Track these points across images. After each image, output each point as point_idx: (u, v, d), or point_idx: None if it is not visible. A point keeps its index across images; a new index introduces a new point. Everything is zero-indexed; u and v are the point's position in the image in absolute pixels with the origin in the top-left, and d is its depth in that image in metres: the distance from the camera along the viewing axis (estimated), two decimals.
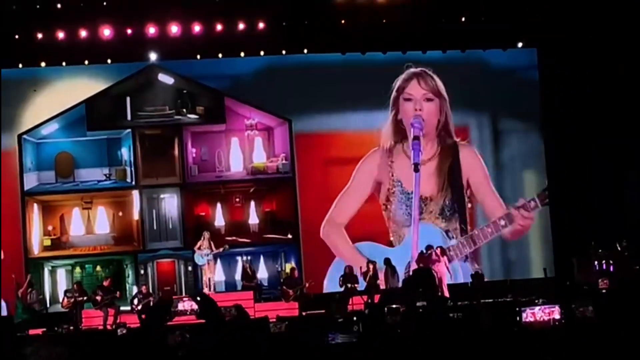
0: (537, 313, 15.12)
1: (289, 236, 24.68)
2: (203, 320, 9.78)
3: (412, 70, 25.01)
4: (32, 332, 20.64)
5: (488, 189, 25.34)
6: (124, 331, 18.76)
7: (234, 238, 24.49)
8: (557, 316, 14.99)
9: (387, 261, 23.02)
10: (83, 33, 22.81)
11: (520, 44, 25.26)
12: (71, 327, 21.47)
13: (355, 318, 18.68)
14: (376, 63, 24.71)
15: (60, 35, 22.73)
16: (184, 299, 21.48)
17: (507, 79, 25.64)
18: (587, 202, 24.28)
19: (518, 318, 15.25)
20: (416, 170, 24.47)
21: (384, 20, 23.80)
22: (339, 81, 24.64)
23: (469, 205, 25.29)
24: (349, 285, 22.50)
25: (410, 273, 22.55)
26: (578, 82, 24.18)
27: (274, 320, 18.89)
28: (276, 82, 24.63)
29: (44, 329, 21.07)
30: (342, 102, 24.70)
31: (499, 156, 25.81)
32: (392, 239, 24.93)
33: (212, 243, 23.36)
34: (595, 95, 23.91)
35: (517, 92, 25.58)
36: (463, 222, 25.08)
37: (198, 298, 9.35)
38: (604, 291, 20.76)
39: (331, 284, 23.69)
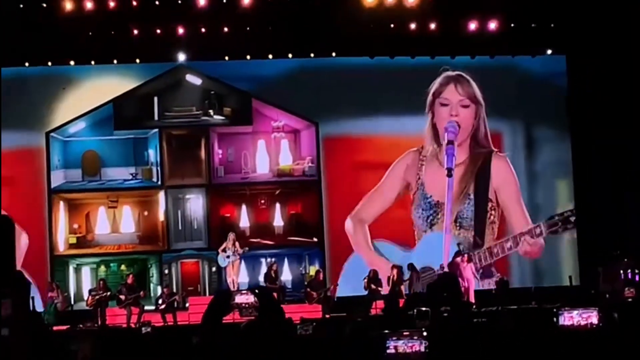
0: (575, 317, 15.12)
1: (314, 239, 24.83)
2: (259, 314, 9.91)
3: (449, 74, 25.01)
4: (55, 329, 20.89)
5: (517, 206, 25.11)
6: (149, 329, 18.92)
7: (258, 240, 24.68)
8: (595, 320, 14.98)
9: (411, 266, 23.15)
10: (112, 32, 23.07)
11: (549, 51, 25.27)
12: (95, 325, 21.75)
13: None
14: (406, 67, 24.71)
15: (89, 33, 22.98)
16: (242, 291, 21.52)
17: (541, 86, 25.55)
18: (613, 211, 24.27)
19: (555, 320, 15.28)
20: (449, 175, 24.44)
21: (412, 25, 23.96)
22: (367, 85, 24.75)
23: (491, 218, 25.17)
24: (373, 287, 22.68)
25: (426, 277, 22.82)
26: (607, 91, 24.12)
27: (298, 322, 19.04)
28: (304, 85, 24.79)
29: (68, 326, 21.33)
30: (371, 106, 24.79)
31: (532, 165, 25.71)
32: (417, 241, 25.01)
33: (237, 244, 23.53)
34: (624, 105, 23.90)
35: (550, 99, 25.47)
36: (478, 234, 24.90)
37: (257, 291, 9.47)
38: (630, 300, 20.77)
39: (345, 286, 23.85)
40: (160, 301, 22.71)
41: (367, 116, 24.92)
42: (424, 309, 17.13)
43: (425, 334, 13.07)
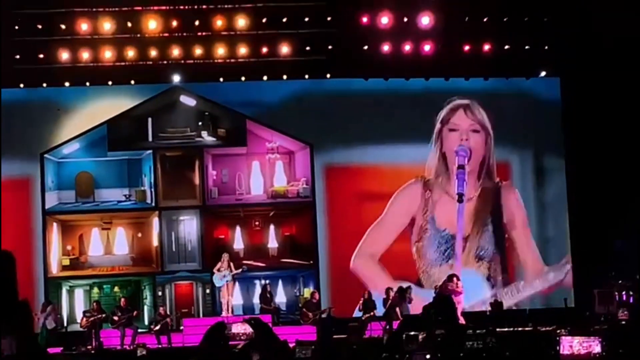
0: (575, 346, 15.23)
1: (310, 262, 25.06)
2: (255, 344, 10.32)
3: (458, 101, 25.32)
4: (50, 351, 21.22)
5: (525, 237, 25.50)
6: (144, 352, 19.33)
7: (250, 262, 24.89)
8: (598, 349, 15.04)
9: (400, 289, 23.48)
10: (107, 54, 23.56)
11: (543, 73, 25.73)
12: (88, 347, 22.09)
13: None
14: (406, 95, 25.20)
15: (85, 55, 23.47)
16: (237, 322, 21.91)
17: (550, 113, 25.83)
18: (607, 234, 24.69)
19: (558, 348, 15.43)
20: (460, 200, 24.77)
21: (407, 47, 24.54)
22: (364, 112, 25.17)
23: (508, 249, 25.45)
24: (368, 311, 23.13)
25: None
26: (601, 114, 24.45)
27: (293, 344, 19.43)
28: (302, 116, 25.22)
29: (62, 348, 21.70)
30: (367, 133, 25.12)
31: (542, 195, 26.01)
32: (421, 277, 25.16)
33: (231, 265, 23.83)
34: (618, 129, 24.35)
35: (559, 127, 25.80)
36: (504, 269, 25.28)
37: (252, 322, 9.89)
38: (622, 322, 21.20)
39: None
40: (154, 323, 23.12)
41: (363, 143, 25.20)
42: (412, 333, 17.57)
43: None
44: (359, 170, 25.42)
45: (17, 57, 23.21)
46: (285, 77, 24.89)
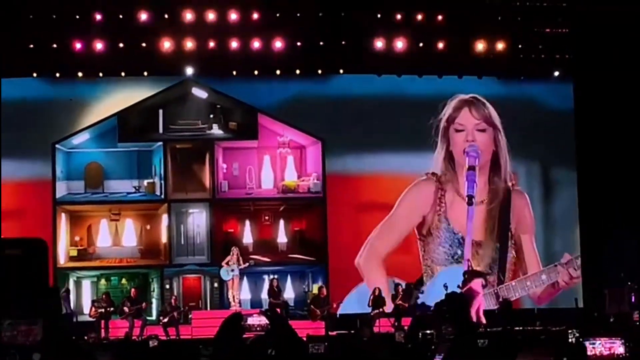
0: (597, 347, 15.65)
1: (318, 258, 25.53)
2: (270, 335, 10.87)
3: (463, 97, 25.42)
4: None
5: (530, 244, 25.72)
6: (156, 343, 19.90)
7: (257, 257, 25.38)
8: (621, 350, 15.46)
9: (407, 286, 24.09)
10: (120, 45, 24.18)
11: (556, 73, 26.15)
12: (92, 336, 22.64)
13: None
14: (415, 100, 25.60)
15: (99, 46, 24.10)
16: (254, 314, 22.52)
17: (562, 122, 26.11)
18: (617, 234, 25.21)
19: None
20: (470, 203, 24.79)
21: (420, 44, 25.16)
22: (374, 116, 25.58)
23: (512, 254, 25.67)
24: (377, 307, 23.74)
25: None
26: (617, 122, 24.78)
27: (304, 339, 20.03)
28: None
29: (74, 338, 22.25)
30: (376, 139, 25.53)
31: (550, 209, 26.30)
32: (423, 274, 25.49)
33: (240, 259, 24.30)
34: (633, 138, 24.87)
35: (570, 137, 26.05)
36: (502, 272, 25.40)
37: (269, 313, 10.44)
38: (638, 324, 21.67)
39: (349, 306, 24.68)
40: (163, 314, 23.73)
41: (371, 149, 25.59)
42: (428, 332, 18.15)
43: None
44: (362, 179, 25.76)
45: (31, 46, 23.76)
46: (298, 72, 25.33)
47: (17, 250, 13.38)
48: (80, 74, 24.66)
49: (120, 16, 23.71)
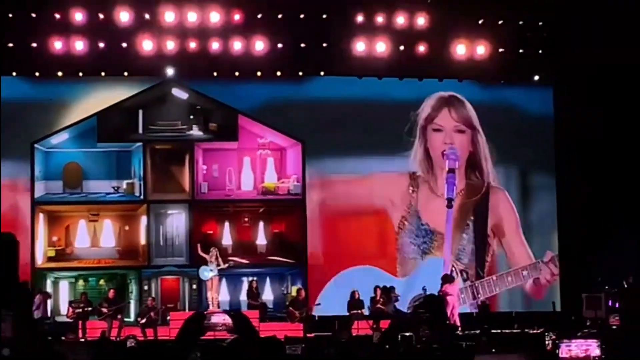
0: (573, 349, 15.80)
1: (298, 261, 25.64)
2: (235, 336, 10.98)
3: (442, 95, 25.78)
4: None
5: (518, 240, 26.00)
6: (133, 343, 20.00)
7: (235, 258, 25.45)
8: (597, 352, 15.60)
9: (385, 289, 24.25)
10: (101, 44, 24.21)
11: (536, 77, 26.36)
12: (70, 336, 22.68)
13: None
14: (395, 103, 25.75)
15: (79, 45, 24.09)
16: (217, 313, 22.65)
17: (539, 128, 26.33)
18: (595, 237, 25.39)
19: (557, 351, 16.01)
20: (449, 206, 25.25)
21: (401, 46, 25.26)
22: (357, 120, 25.78)
23: (491, 251, 25.97)
24: (356, 309, 23.86)
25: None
26: (596, 128, 24.89)
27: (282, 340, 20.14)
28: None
29: (49, 338, 22.28)
30: (358, 143, 25.71)
31: (528, 215, 26.47)
32: (398, 268, 25.86)
33: (220, 259, 24.30)
34: (608, 139, 24.98)
35: (548, 142, 26.23)
36: (480, 266, 25.74)
37: (232, 313, 10.59)
38: (614, 327, 21.80)
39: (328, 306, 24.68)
40: (141, 315, 23.76)
41: (352, 152, 25.77)
42: (407, 334, 18.31)
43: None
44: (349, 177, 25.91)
45: (10, 45, 23.76)
46: (279, 73, 25.39)
47: None
48: (60, 74, 24.63)
49: (101, 16, 23.71)
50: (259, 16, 24.47)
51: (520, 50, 25.67)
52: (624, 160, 24.70)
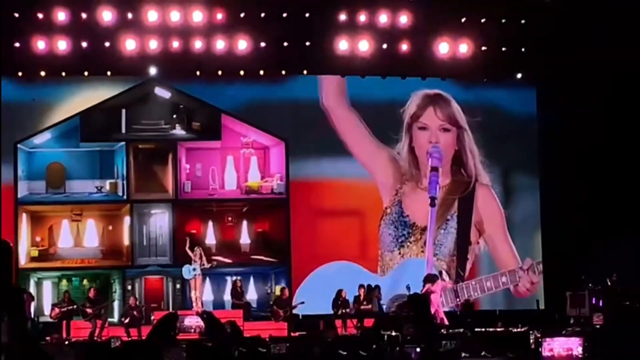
0: (555, 348, 15.94)
1: (281, 260, 25.78)
2: (206, 338, 11.13)
3: (428, 93, 25.90)
4: None
5: (503, 237, 26.09)
6: (118, 343, 20.06)
7: (219, 258, 25.57)
8: (580, 351, 15.75)
9: (369, 287, 24.39)
10: (84, 44, 24.24)
11: (519, 75, 26.54)
12: (55, 337, 22.69)
13: None
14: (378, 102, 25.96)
15: (62, 45, 24.15)
16: (190, 315, 22.77)
17: (522, 128, 26.54)
18: (578, 237, 25.61)
19: (540, 349, 16.15)
20: (432, 204, 25.32)
21: (384, 45, 25.42)
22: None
23: (476, 249, 26.09)
24: (342, 309, 23.99)
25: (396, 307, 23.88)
26: (579, 128, 25.09)
27: (267, 339, 20.26)
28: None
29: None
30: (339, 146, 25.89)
31: (511, 213, 26.57)
32: (379, 264, 25.97)
33: (203, 258, 24.36)
34: (591, 137, 25.20)
35: (531, 142, 26.45)
36: (461, 266, 25.81)
37: (204, 315, 10.74)
38: (597, 326, 21.88)
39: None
40: (124, 315, 23.83)
41: (334, 151, 25.89)
42: (394, 333, 18.46)
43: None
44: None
45: None
46: (261, 72, 25.45)
47: None
48: (43, 74, 24.66)
49: (84, 15, 23.77)
50: (242, 15, 24.56)
51: (503, 49, 25.80)
52: (608, 159, 24.87)
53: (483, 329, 22.52)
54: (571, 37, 24.45)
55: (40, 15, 23.70)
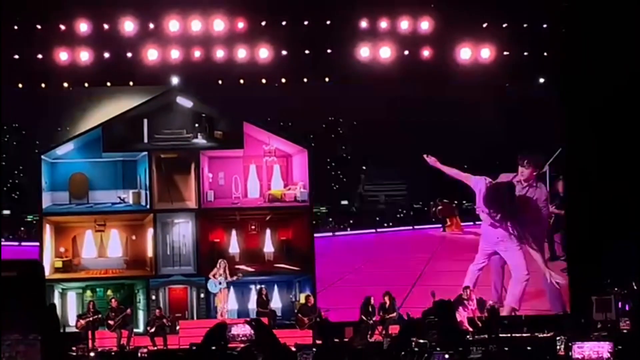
0: (586, 351, 16.13)
1: (305, 269, 25.89)
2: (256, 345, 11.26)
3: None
4: None
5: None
6: (145, 352, 20.29)
7: (243, 267, 25.76)
8: (607, 355, 15.95)
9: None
10: (106, 55, 24.55)
11: (541, 80, 26.68)
12: (81, 347, 22.88)
13: None
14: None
15: (84, 56, 24.44)
16: (238, 323, 22.85)
17: (545, 132, 26.56)
18: (603, 240, 25.70)
19: (570, 353, 16.34)
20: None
21: (406, 52, 25.62)
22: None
23: None
24: (371, 316, 24.16)
25: None
26: (596, 119, 25.31)
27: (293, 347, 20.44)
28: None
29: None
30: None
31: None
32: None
33: (227, 271, 24.71)
34: (616, 140, 25.38)
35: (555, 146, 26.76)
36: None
37: (253, 323, 10.88)
38: (625, 331, 22.17)
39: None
40: (150, 324, 24.05)
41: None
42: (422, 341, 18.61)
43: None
44: None
45: (16, 57, 24.10)
46: (284, 80, 25.75)
47: (13, 272, 13.75)
48: (66, 85, 24.94)
49: (106, 26, 24.10)
50: (263, 23, 24.84)
51: (525, 53, 25.96)
52: (632, 162, 24.99)
53: (509, 335, 22.75)
54: (592, 41, 24.56)
55: (62, 27, 24.04)
